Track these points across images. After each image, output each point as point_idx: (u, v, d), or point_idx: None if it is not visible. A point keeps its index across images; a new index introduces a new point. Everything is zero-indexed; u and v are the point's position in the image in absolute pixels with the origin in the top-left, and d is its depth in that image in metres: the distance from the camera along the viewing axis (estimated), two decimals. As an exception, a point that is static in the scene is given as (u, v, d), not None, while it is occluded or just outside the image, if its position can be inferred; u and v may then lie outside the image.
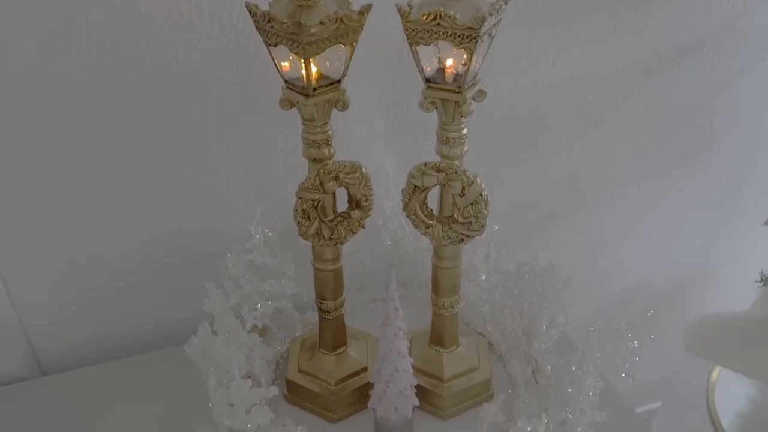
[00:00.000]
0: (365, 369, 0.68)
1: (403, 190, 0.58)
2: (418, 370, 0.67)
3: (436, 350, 0.68)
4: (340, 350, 0.68)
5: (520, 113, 0.87)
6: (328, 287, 0.64)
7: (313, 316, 0.77)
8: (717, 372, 1.14)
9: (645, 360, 0.61)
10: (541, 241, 0.99)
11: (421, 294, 0.83)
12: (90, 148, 0.71)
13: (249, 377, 0.61)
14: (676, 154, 1.01)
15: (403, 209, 0.59)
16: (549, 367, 0.63)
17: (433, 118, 0.59)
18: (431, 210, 0.59)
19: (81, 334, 0.80)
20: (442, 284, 0.64)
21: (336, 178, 0.56)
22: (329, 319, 0.66)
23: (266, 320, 0.74)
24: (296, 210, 0.57)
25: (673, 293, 1.16)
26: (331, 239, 0.59)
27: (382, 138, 0.82)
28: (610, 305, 1.09)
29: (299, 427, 0.56)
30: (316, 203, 0.56)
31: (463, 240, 0.58)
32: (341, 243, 0.60)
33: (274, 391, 0.55)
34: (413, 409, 0.63)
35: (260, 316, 0.73)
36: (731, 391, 1.12)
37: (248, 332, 0.69)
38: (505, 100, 0.85)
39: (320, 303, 0.65)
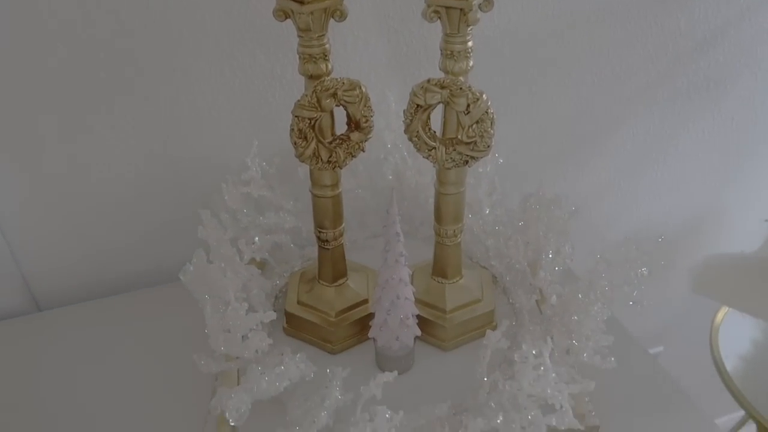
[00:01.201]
0: (366, 301, 0.67)
1: (404, 111, 0.55)
2: (420, 302, 0.65)
3: (438, 281, 0.66)
4: (340, 282, 0.67)
5: (527, 43, 0.83)
6: (327, 215, 0.62)
7: (313, 252, 0.75)
8: (721, 315, 1.13)
9: (652, 297, 0.59)
10: (547, 179, 0.97)
11: (424, 230, 0.81)
12: (77, 77, 0.68)
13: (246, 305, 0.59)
14: (689, 90, 0.97)
15: (405, 131, 0.56)
16: (554, 297, 0.61)
17: (435, 44, 0.55)
18: (434, 132, 0.56)
19: (77, 270, 0.79)
20: (445, 211, 0.61)
21: (334, 95, 0.53)
22: (328, 249, 0.64)
23: (264, 254, 0.72)
24: (292, 129, 0.54)
25: (681, 235, 1.14)
26: (329, 162, 0.56)
27: (382, 67, 0.79)
28: (616, 247, 1.07)
29: (298, 354, 0.55)
30: (313, 122, 0.54)
31: (467, 162, 0.55)
32: (340, 167, 0.58)
33: (272, 315, 0.54)
34: (415, 339, 0.62)
35: (258, 249, 0.71)
36: (735, 334, 1.11)
37: (246, 264, 0.67)
38: (512, 30, 0.81)
39: (319, 232, 0.63)
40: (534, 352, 0.48)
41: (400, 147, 0.77)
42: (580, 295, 0.57)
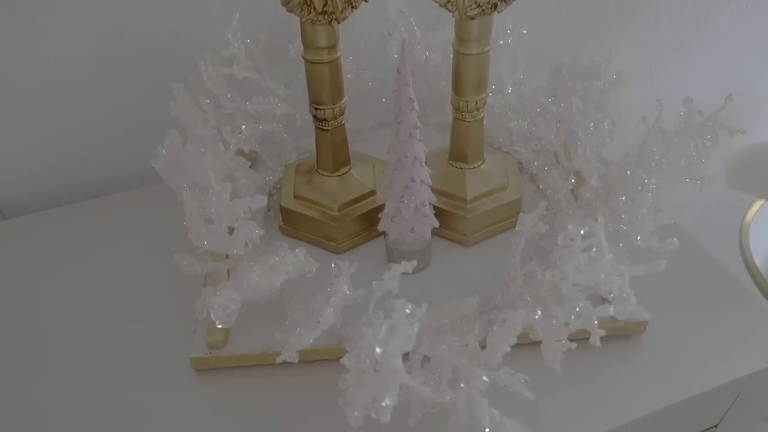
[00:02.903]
0: (373, 192, 0.58)
1: (416, -55, 0.44)
2: (436, 192, 0.56)
3: (457, 167, 0.57)
4: (342, 171, 0.57)
5: None
6: (324, 86, 0.52)
7: (310, 144, 0.65)
8: (752, 213, 1.06)
9: (677, 197, 0.50)
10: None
11: (436, 116, 0.71)
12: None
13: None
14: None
15: (417, -28, 0.45)
16: (595, 177, 0.52)
17: None
18: (453, -28, 0.45)
19: (43, 174, 0.69)
20: (465, 78, 0.51)
21: None
22: (327, 130, 0.55)
23: (254, 146, 0.62)
24: (276, -33, 0.43)
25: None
26: (324, 13, 0.46)
27: None
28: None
29: (297, 249, 0.46)
30: (301, -43, 0.43)
31: (495, 6, 0.45)
32: (338, 20, 0.47)
33: (262, 200, 0.44)
34: (432, 231, 0.53)
35: (246, 139, 0.61)
36: (765, 232, 1.05)
37: (234, 155, 0.58)
38: None
39: (316, 109, 0.53)
40: (582, 232, 0.39)
41: (407, 15, 0.66)
42: (628, 172, 0.48)
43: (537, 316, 0.42)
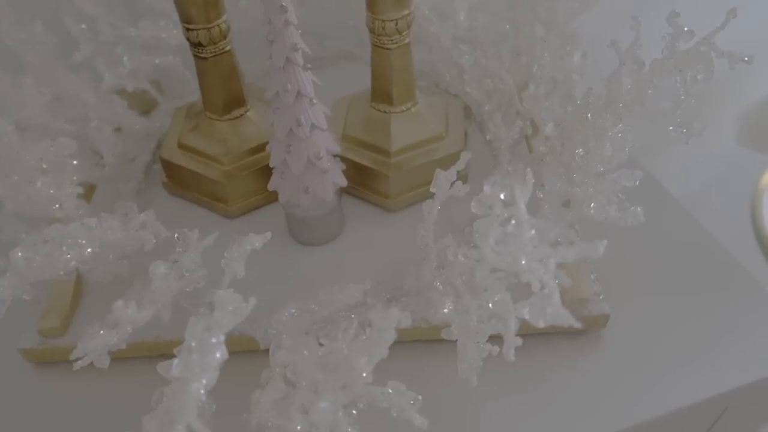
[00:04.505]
0: (275, 142, 0.46)
1: None
2: (355, 142, 0.45)
3: (380, 111, 0.45)
4: (236, 113, 0.45)
5: None
6: (191, -5, 0.39)
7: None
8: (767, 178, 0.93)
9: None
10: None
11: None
12: None
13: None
14: None
15: None
16: (550, 125, 0.40)
17: None
18: None
19: None
20: (378, -14, 0.38)
21: None
22: (206, 59, 0.42)
23: (143, 83, 0.51)
24: None
25: (724, 77, 0.90)
26: None
27: None
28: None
29: (143, 213, 0.35)
30: None
31: None
32: None
33: (68, 145, 0.31)
34: (339, 192, 0.41)
35: (130, 75, 0.49)
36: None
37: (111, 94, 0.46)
38: None
39: (187, 29, 0.41)
40: (503, 196, 0.27)
41: None
42: (589, 116, 0.35)
43: (446, 310, 0.31)
